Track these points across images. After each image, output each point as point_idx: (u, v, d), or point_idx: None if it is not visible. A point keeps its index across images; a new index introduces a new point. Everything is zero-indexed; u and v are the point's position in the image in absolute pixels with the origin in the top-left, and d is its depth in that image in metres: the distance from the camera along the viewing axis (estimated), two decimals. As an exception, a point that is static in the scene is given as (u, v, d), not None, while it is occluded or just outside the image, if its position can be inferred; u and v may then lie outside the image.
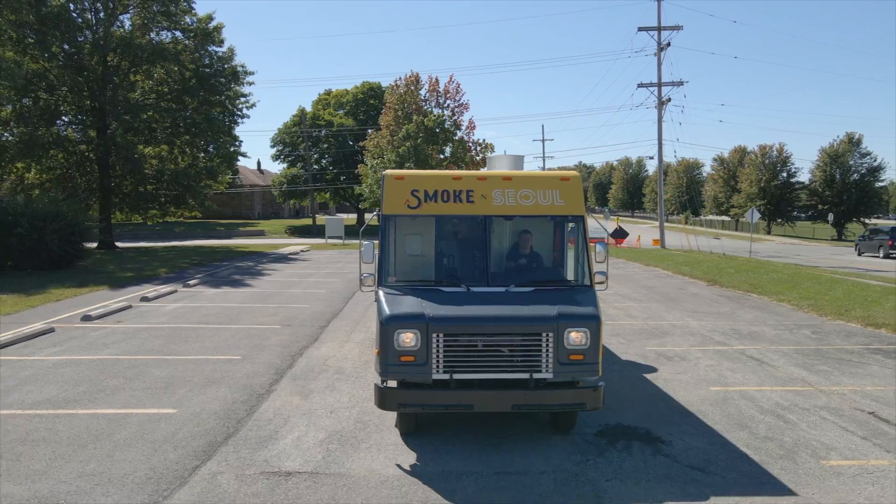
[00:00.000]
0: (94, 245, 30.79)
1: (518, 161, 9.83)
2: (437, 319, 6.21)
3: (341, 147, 63.75)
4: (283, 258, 30.15)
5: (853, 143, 69.15)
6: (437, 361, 6.20)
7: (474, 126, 40.24)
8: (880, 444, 6.71)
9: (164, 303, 15.73)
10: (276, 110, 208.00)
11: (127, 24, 34.15)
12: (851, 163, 68.96)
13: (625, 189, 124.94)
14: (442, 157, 37.98)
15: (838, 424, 7.29)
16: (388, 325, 6.23)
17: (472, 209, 7.22)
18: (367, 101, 63.72)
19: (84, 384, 8.63)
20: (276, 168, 77.04)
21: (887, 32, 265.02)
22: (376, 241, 7.14)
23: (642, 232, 51.32)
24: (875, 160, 68.82)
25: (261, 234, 56.50)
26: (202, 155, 37.64)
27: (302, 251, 34.78)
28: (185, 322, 13.21)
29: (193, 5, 34.82)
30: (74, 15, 31.66)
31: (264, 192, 79.40)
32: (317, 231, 56.04)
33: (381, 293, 6.77)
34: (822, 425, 7.26)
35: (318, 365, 9.88)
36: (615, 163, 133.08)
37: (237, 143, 38.67)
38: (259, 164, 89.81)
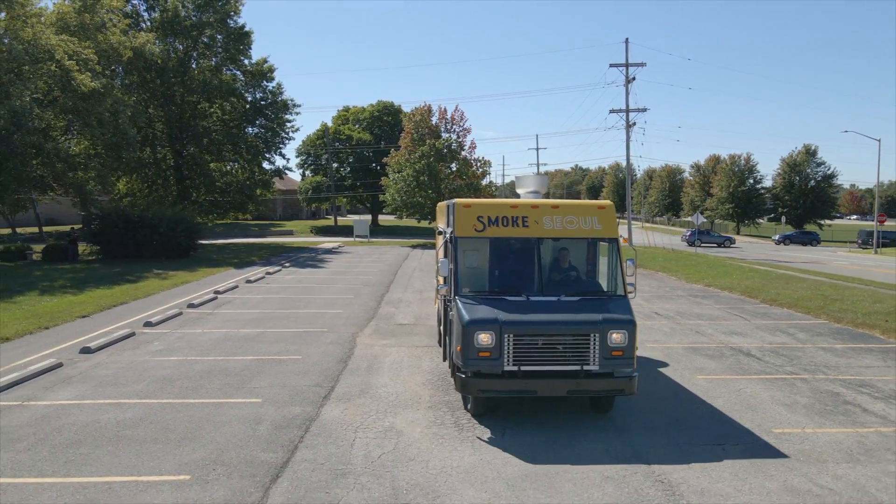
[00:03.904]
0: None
1: (543, 180, 11.70)
2: (508, 323, 7.58)
3: (359, 158, 73.07)
4: (330, 251, 39.34)
5: (810, 153, 78.40)
6: (508, 356, 7.57)
7: (475, 146, 49.71)
8: (660, 319, 15.90)
9: (282, 275, 24.92)
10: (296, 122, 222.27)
11: (202, 65, 43.45)
12: (808, 171, 78.21)
13: (615, 192, 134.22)
14: (449, 172, 47.20)
15: (649, 317, 16.45)
16: (469, 328, 7.59)
17: (527, 232, 8.54)
18: (382, 118, 72.94)
19: (286, 304, 17.81)
20: (295, 174, 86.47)
21: (809, 59, 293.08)
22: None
23: (621, 231, 60.30)
24: (829, 168, 78.17)
25: (290, 233, 64.95)
26: (257, 170, 46.85)
27: (339, 247, 43.90)
28: (307, 283, 22.39)
29: (250, 51, 44.29)
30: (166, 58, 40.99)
31: (285, 195, 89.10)
32: (338, 230, 64.89)
33: (458, 301, 8.15)
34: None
35: (396, 299, 19.06)
36: (606, 167, 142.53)
37: (286, 160, 48.00)
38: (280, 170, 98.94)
